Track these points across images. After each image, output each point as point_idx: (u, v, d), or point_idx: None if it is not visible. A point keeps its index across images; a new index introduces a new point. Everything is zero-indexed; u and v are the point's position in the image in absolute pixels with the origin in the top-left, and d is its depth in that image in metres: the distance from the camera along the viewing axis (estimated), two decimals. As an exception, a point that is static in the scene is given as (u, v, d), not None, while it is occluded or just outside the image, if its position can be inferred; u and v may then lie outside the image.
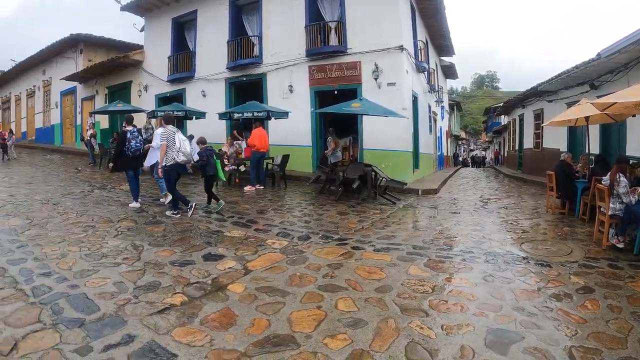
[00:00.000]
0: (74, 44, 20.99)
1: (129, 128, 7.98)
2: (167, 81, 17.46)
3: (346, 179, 9.68)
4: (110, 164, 9.19)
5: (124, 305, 3.98)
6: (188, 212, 7.35)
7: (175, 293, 4.25)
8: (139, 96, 17.27)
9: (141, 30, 19.08)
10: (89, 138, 14.83)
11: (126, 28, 24.99)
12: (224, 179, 8.95)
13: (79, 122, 20.30)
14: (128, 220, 7.14)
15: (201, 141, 8.42)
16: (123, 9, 17.67)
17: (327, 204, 8.71)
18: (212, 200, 8.02)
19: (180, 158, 7.22)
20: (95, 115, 17.87)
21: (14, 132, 22.37)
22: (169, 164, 7.17)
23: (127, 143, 7.92)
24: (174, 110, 13.35)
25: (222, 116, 12.87)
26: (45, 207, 8.16)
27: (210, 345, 3.31)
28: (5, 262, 5.11)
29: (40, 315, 3.82)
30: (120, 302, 4.05)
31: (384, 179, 9.96)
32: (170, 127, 7.40)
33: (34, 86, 25.73)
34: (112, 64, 18.34)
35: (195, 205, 7.60)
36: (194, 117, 14.09)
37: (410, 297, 3.97)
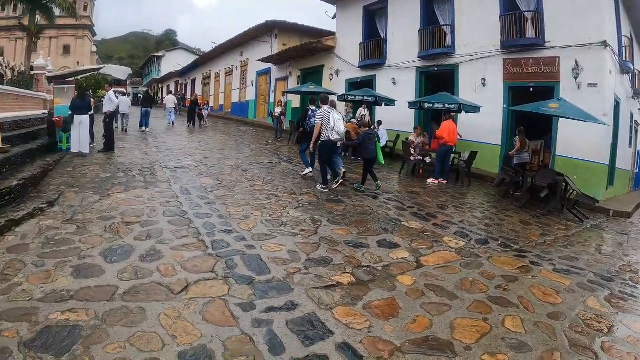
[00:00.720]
0: (269, 29, 24.78)
1: (312, 107, 9.32)
2: (358, 67, 19.55)
3: (534, 185, 9.73)
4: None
5: (293, 273, 4.43)
6: (333, 185, 8.49)
7: (344, 272, 4.56)
8: (331, 80, 19.28)
9: (333, 18, 22.06)
10: (277, 115, 15.84)
11: (317, 16, 26.42)
12: (382, 162, 9.67)
13: (271, 100, 22.18)
14: (310, 194, 7.96)
15: (363, 124, 9.81)
16: (317, -3, 20.68)
17: (510, 210, 9.03)
18: (372, 180, 8.88)
19: (334, 136, 8.14)
20: (288, 95, 19.13)
21: (211, 104, 25.94)
22: (323, 139, 8.20)
23: (307, 120, 9.43)
24: (364, 95, 15.04)
25: (411, 105, 14.01)
26: (235, 172, 9.63)
27: (368, 331, 3.42)
28: (192, 214, 6.14)
29: (214, 266, 4.43)
30: (291, 270, 4.51)
31: (574, 192, 9.96)
32: (326, 107, 8.37)
33: (232, 65, 32.07)
34: (305, 49, 22.10)
35: (341, 181, 8.60)
36: (384, 103, 15.44)
37: (583, 332, 3.80)
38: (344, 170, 8.81)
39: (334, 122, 8.08)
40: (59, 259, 4.42)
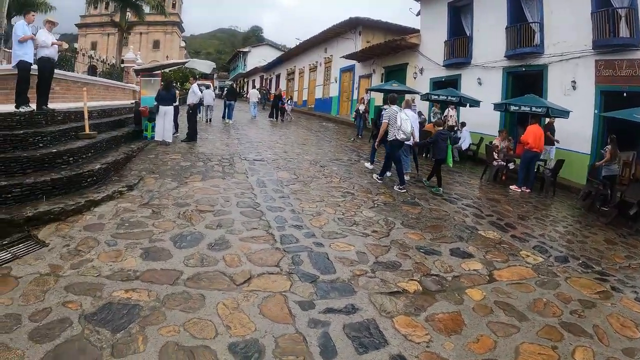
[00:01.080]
0: (353, 26, 25.14)
1: (385, 107, 9.50)
2: (443, 66, 19.31)
3: (623, 201, 9.22)
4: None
5: (359, 276, 4.36)
6: (380, 180, 8.77)
7: (411, 279, 4.45)
8: (414, 78, 19.34)
9: (417, 15, 21.82)
10: (360, 112, 15.79)
11: (401, 12, 26.19)
12: (450, 165, 9.63)
13: (354, 97, 22.19)
14: (387, 195, 7.85)
15: (437, 124, 9.90)
16: (400, -7, 18.31)
17: (595, 226, 8.46)
18: (436, 181, 8.92)
19: (400, 136, 8.37)
20: (371, 92, 19.11)
21: (295, 99, 26.77)
22: (391, 139, 8.50)
23: (380, 119, 9.48)
24: (448, 95, 14.98)
25: (497, 107, 13.66)
26: (313, 167, 9.76)
27: (427, 346, 3.32)
28: (265, 207, 6.30)
29: (280, 261, 4.50)
30: (357, 272, 4.44)
31: (670, 212, 9.31)
32: (394, 107, 8.72)
33: (316, 62, 33.11)
34: (389, 46, 21.99)
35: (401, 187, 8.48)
36: (468, 104, 15.16)
37: (659, 375, 3.63)
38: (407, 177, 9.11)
39: (400, 121, 8.37)
40: (131, 240, 4.75)
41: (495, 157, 11.62)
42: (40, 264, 4.19)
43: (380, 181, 8.74)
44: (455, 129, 14.57)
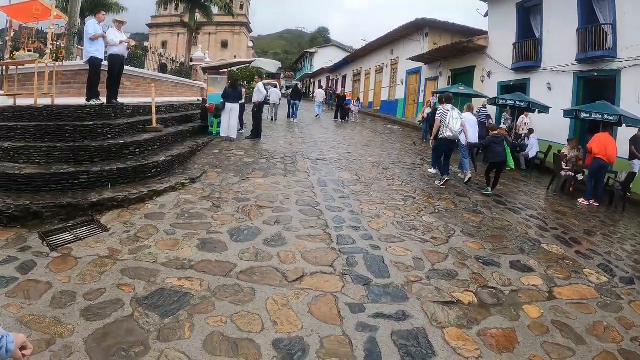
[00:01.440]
0: (419, 27, 24.90)
1: (440, 106, 9.77)
2: (511, 69, 18.67)
3: None
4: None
5: (413, 282, 4.23)
6: (438, 182, 8.79)
7: (467, 290, 4.25)
8: (482, 81, 18.85)
9: (485, 16, 21.23)
10: (425, 116, 15.61)
11: (468, 13, 25.49)
12: (512, 166, 9.76)
13: (421, 99, 21.89)
14: (448, 201, 7.60)
15: (491, 127, 9.95)
16: (466, -7, 17.93)
17: None
18: (492, 184, 8.98)
19: (447, 133, 8.72)
20: (437, 95, 18.82)
21: (361, 101, 27.43)
22: (440, 137, 8.87)
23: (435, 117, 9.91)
24: (516, 100, 14.52)
25: (567, 114, 12.91)
26: (375, 169, 9.64)
27: None
28: (324, 206, 6.28)
29: (334, 261, 4.45)
30: (412, 278, 4.31)
31: None
32: (448, 106, 9.06)
33: (382, 63, 33.03)
34: (456, 48, 21.56)
35: (447, 179, 8.78)
36: (537, 110, 14.65)
37: None
38: (469, 175, 9.34)
39: (449, 120, 8.76)
40: (189, 231, 4.91)
41: (564, 167, 10.97)
42: (100, 247, 4.45)
43: (438, 182, 8.73)
44: (523, 135, 13.97)
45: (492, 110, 17.54)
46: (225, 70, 16.23)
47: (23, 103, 8.15)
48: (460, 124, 8.92)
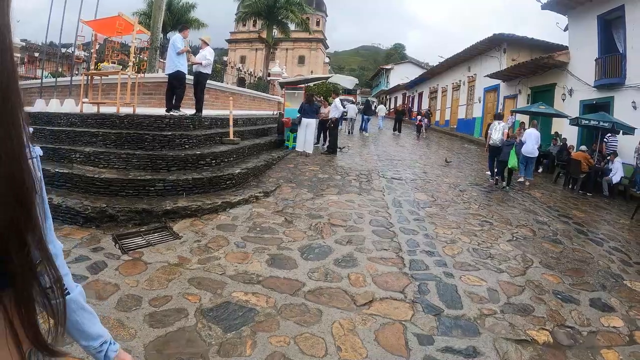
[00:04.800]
0: (497, 43, 24.47)
1: (495, 122, 11.78)
2: (594, 87, 17.40)
3: None
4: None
5: (487, 315, 3.96)
6: (490, 180, 11.04)
7: (543, 328, 3.91)
8: (563, 100, 17.13)
9: (564, 30, 20.22)
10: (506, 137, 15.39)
11: (547, 27, 24.43)
12: (515, 168, 10.86)
13: (508, 120, 21.14)
14: (527, 228, 7.13)
15: (510, 136, 11.49)
16: (544, 7, 19.38)
17: None
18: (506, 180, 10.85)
19: (491, 142, 11.20)
20: (516, 114, 18.03)
21: (437, 119, 31.32)
22: (490, 144, 11.41)
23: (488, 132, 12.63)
24: (599, 120, 13.53)
25: None
26: (452, 191, 9.31)
27: None
28: (398, 228, 6.13)
29: (406, 287, 4.27)
30: (486, 311, 4.04)
31: None
32: (495, 121, 11.55)
33: (460, 80, 32.31)
34: (535, 64, 20.62)
35: (495, 177, 10.93)
36: (621, 131, 13.70)
37: None
38: (523, 180, 11.48)
39: (492, 131, 11.34)
40: (259, 245, 4.95)
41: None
42: (170, 254, 4.60)
43: (490, 179, 10.92)
44: (607, 158, 12.88)
45: (574, 131, 16.80)
46: (302, 85, 16.54)
47: (106, 111, 8.73)
48: (501, 134, 11.09)
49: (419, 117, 25.56)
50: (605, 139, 14.09)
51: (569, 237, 6.95)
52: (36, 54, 16.92)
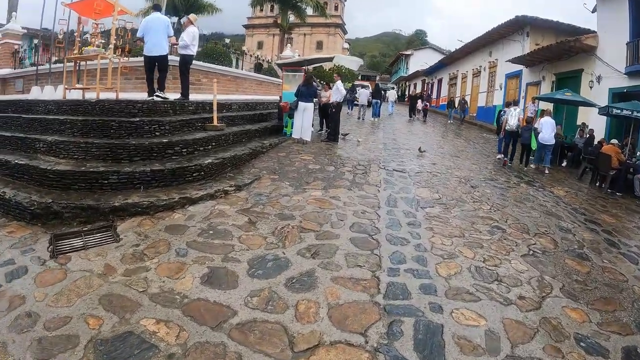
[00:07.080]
0: (519, 26, 23.04)
1: (505, 108, 13.21)
2: (624, 73, 15.70)
3: None
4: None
5: None
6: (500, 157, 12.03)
7: None
8: (590, 87, 15.76)
9: (592, 11, 18.68)
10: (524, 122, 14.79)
11: (572, 11, 23.06)
12: (533, 148, 12.01)
13: (521, 106, 20.05)
14: (547, 238, 5.87)
15: (527, 120, 12.60)
16: (571, -15, 16.45)
17: None
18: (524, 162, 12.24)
19: (507, 127, 11.84)
20: (539, 101, 16.96)
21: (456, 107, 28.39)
22: (506, 129, 11.95)
23: (500, 118, 13.81)
24: (633, 109, 12.23)
25: None
26: (461, 187, 8.14)
27: None
28: (384, 235, 5.01)
29: (370, 327, 3.18)
30: None
31: None
32: (511, 107, 12.47)
33: (480, 66, 30.83)
34: (560, 49, 19.04)
35: (505, 158, 11.65)
36: None
37: None
38: (534, 166, 11.84)
39: (509, 117, 11.99)
40: (203, 254, 4.13)
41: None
42: (98, 261, 3.97)
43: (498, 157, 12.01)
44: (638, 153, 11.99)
45: (602, 122, 15.52)
46: (302, 67, 15.62)
47: (90, 97, 8.14)
48: (517, 120, 11.90)
49: (419, 101, 25.73)
50: None
51: (597, 251, 5.69)
52: (35, 41, 16.93)
